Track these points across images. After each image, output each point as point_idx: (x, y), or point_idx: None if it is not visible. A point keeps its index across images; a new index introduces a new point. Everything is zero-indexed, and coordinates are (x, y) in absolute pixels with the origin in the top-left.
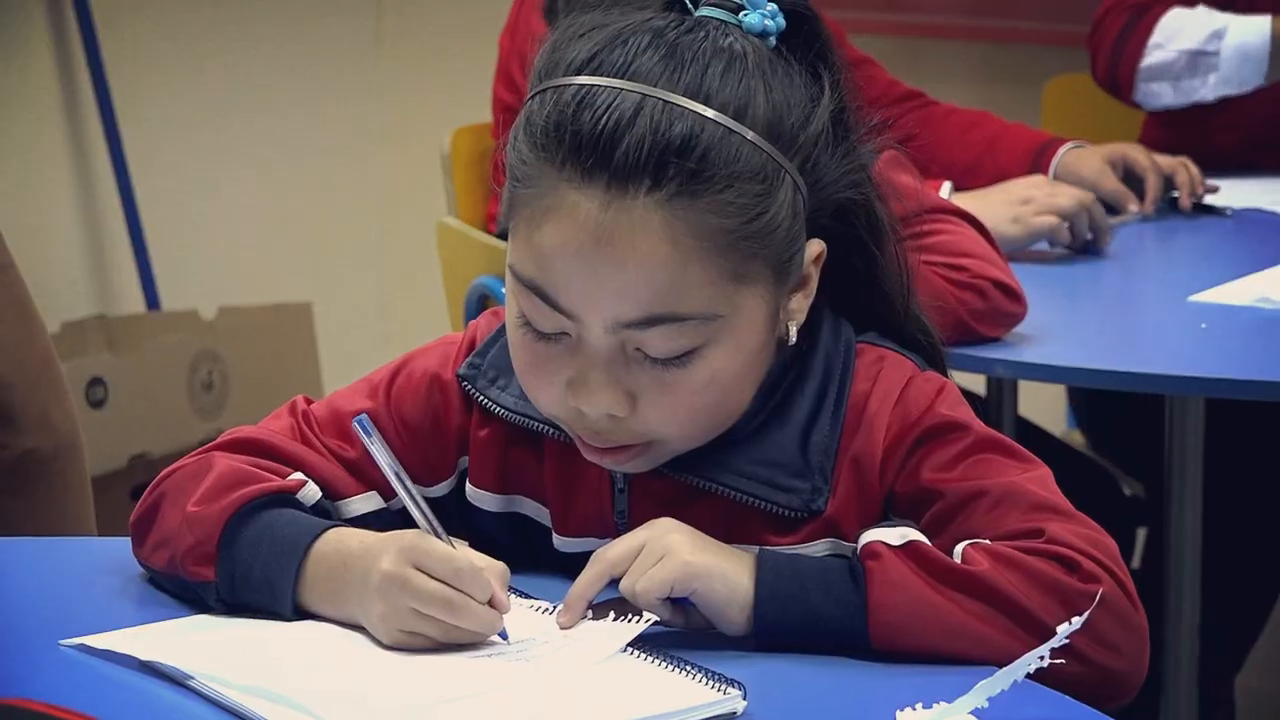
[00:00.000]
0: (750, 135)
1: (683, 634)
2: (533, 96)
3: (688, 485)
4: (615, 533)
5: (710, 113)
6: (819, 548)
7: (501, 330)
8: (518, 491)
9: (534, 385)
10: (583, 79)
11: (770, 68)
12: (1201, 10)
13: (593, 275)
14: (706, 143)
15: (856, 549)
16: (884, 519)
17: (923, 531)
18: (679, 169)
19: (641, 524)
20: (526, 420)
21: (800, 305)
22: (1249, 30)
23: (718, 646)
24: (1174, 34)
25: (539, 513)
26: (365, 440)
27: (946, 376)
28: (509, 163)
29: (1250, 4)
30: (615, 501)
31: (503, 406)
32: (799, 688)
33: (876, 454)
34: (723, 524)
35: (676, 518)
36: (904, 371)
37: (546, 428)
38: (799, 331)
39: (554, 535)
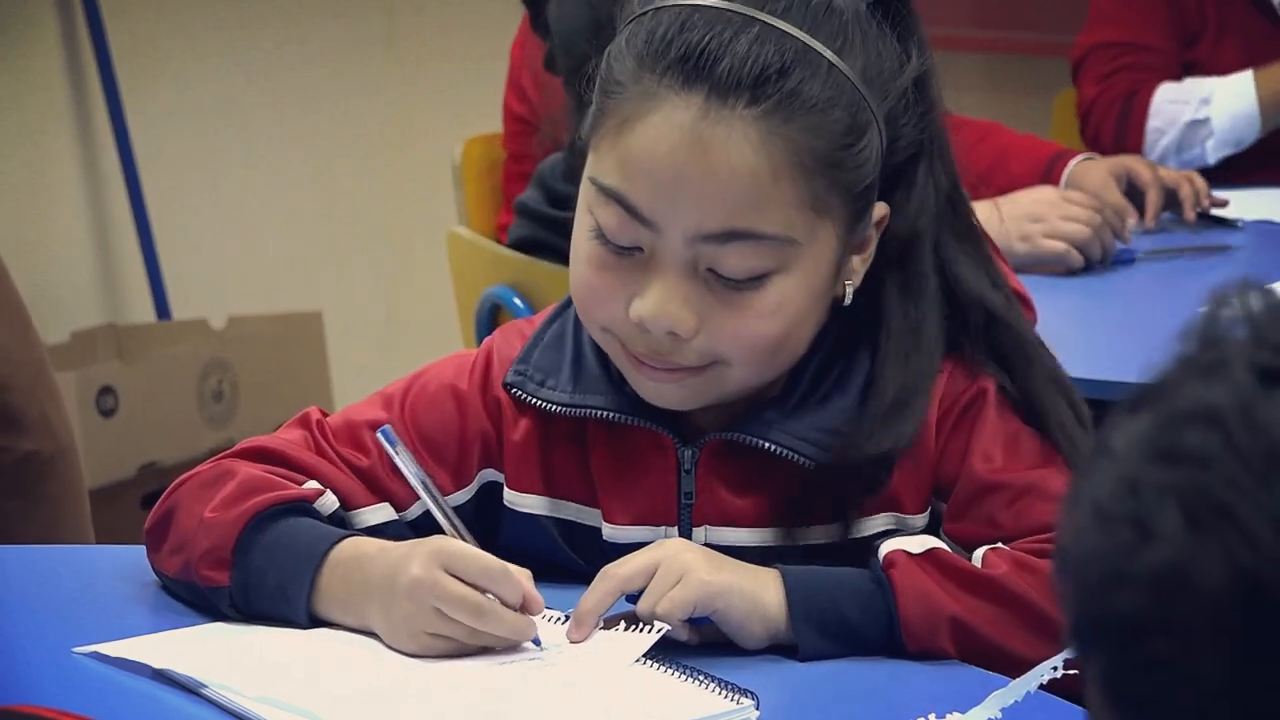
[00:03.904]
0: (847, 71)
1: (696, 645)
2: (632, 20)
3: (753, 464)
4: (677, 519)
5: (814, 43)
6: (879, 521)
7: (541, 335)
8: (559, 494)
9: (598, 299)
10: (691, 0)
11: (865, 23)
12: (1188, 81)
13: (681, 181)
14: (807, 70)
15: (879, 558)
16: (936, 494)
17: (948, 512)
18: (778, 89)
19: (708, 508)
20: (584, 411)
21: (858, 268)
22: (1234, 90)
23: (731, 656)
24: (1169, 114)
25: (581, 513)
26: (390, 450)
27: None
28: (600, 77)
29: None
30: (681, 484)
31: (557, 403)
32: (811, 697)
33: (930, 432)
34: (789, 501)
35: (743, 497)
36: (947, 362)
37: (605, 413)
38: (858, 304)
39: (604, 527)
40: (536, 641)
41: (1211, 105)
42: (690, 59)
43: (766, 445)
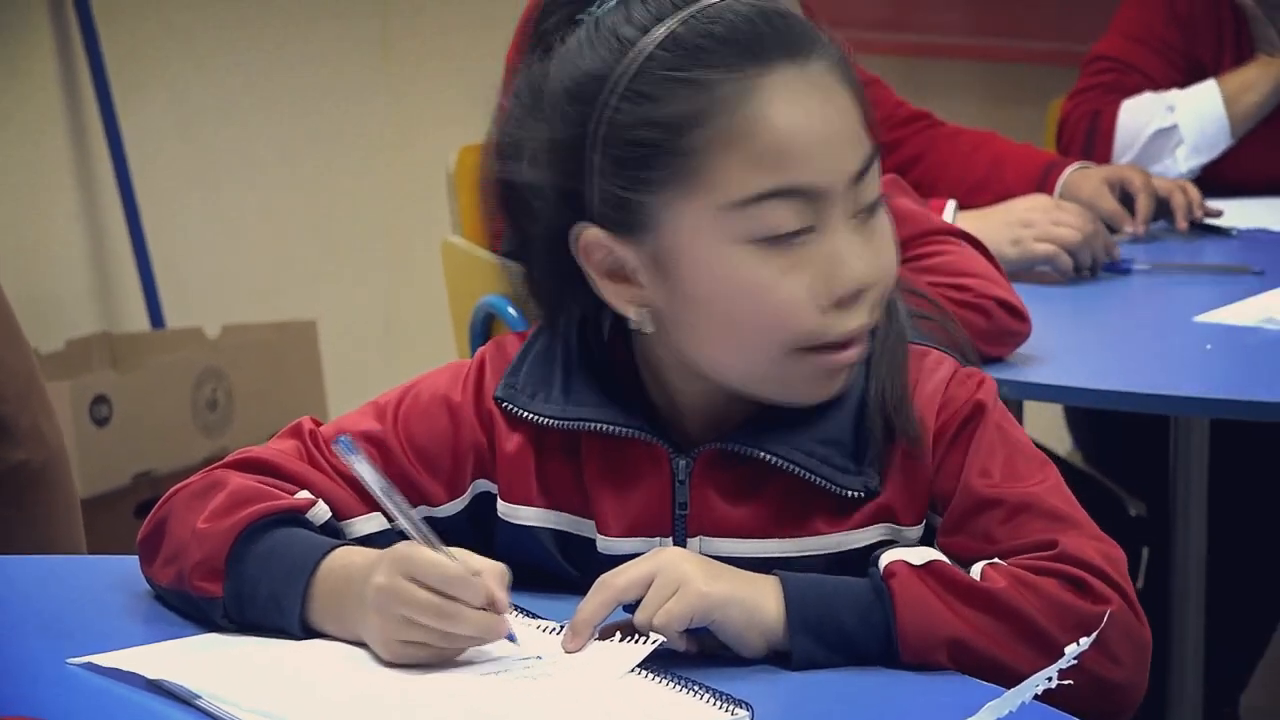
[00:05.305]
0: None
1: (690, 654)
2: (635, 76)
3: (748, 474)
4: (671, 530)
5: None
6: (874, 533)
7: (529, 349)
8: (553, 506)
9: (801, 308)
10: (687, 11)
11: None
12: (1148, 95)
13: (828, 130)
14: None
15: (879, 568)
16: (932, 508)
17: (943, 526)
18: (810, 31)
19: (703, 518)
20: (576, 424)
21: None
22: (1198, 96)
23: (726, 666)
24: (1133, 128)
25: (576, 525)
26: (349, 460)
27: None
28: (643, 141)
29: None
30: (675, 494)
31: (548, 416)
32: (806, 708)
33: (927, 443)
34: (784, 511)
35: (738, 507)
36: (949, 366)
37: (598, 425)
38: None
39: (599, 539)
40: (511, 638)
41: (1177, 112)
42: (748, 39)
43: (764, 456)
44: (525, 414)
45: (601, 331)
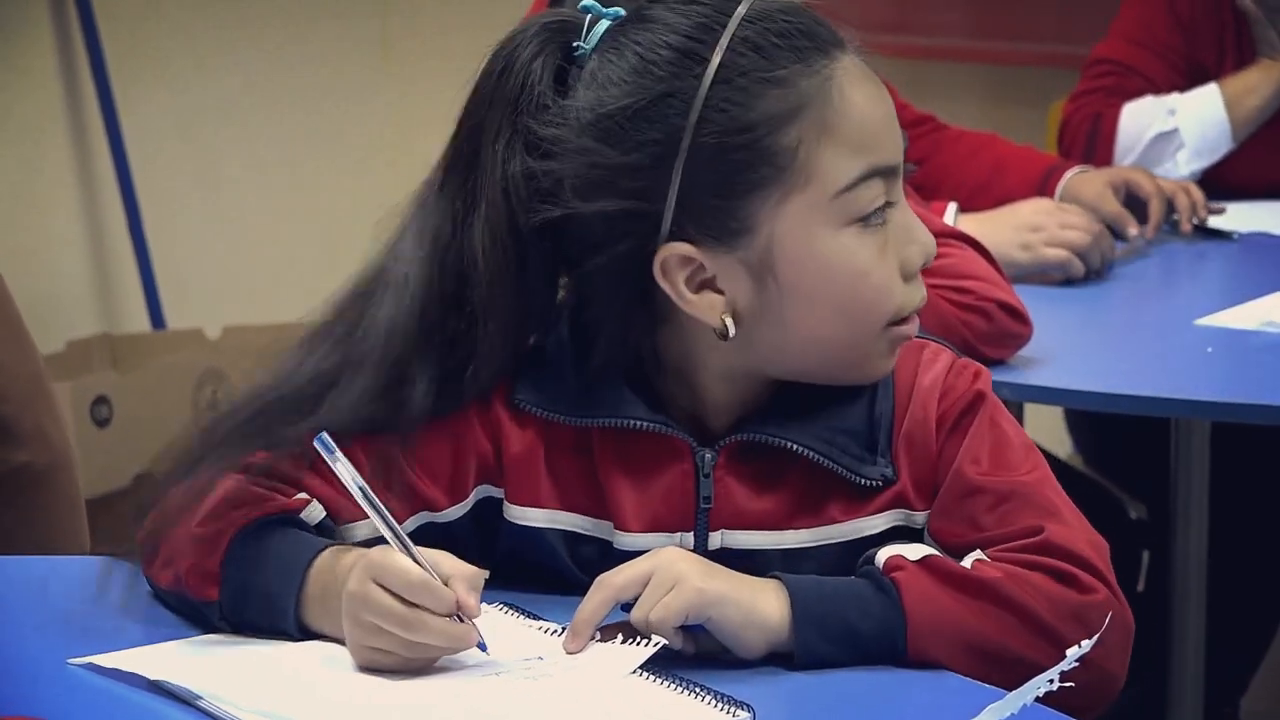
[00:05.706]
0: None
1: (692, 656)
2: (718, 83)
3: (767, 466)
4: (693, 525)
5: None
6: (888, 518)
7: (542, 347)
8: (566, 506)
9: (894, 284)
10: (735, 16)
11: None
12: (1149, 98)
13: (889, 109)
14: None
15: (878, 565)
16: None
17: (933, 511)
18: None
19: (725, 511)
20: (603, 421)
21: None
22: (1199, 99)
23: (728, 668)
24: (1134, 131)
25: (589, 524)
26: (328, 458)
27: None
28: (737, 147)
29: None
30: (699, 488)
31: (570, 415)
32: (807, 709)
33: (930, 430)
34: (802, 501)
35: (758, 499)
36: (947, 355)
37: (623, 421)
38: None
39: (617, 536)
40: (482, 646)
41: (1178, 115)
42: (806, 33)
43: (790, 445)
44: (543, 414)
45: (627, 339)
